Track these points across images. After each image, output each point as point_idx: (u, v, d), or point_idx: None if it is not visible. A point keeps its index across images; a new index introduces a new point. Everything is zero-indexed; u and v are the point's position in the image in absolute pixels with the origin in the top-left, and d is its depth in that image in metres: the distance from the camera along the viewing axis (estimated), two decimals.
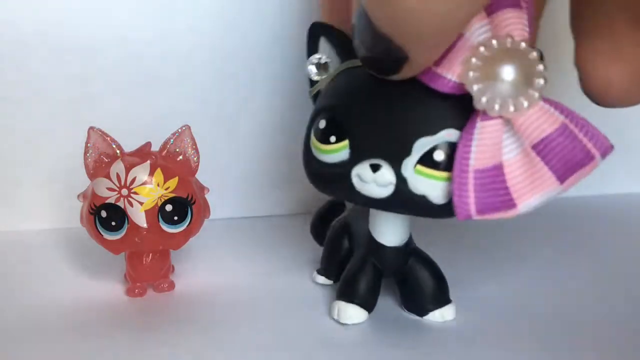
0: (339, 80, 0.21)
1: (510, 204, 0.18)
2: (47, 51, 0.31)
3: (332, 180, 0.20)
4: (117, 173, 0.23)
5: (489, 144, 0.18)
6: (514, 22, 0.17)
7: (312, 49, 0.22)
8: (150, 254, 0.25)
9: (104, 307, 0.25)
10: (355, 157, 0.20)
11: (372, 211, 0.23)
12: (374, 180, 0.19)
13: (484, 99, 0.17)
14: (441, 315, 0.23)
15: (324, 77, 0.22)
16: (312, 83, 0.22)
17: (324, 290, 0.26)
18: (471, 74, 0.17)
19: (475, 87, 0.17)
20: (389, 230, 0.23)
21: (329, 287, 0.26)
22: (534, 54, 0.17)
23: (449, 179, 0.19)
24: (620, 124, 0.39)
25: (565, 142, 0.18)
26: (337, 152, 0.20)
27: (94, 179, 0.24)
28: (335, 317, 0.23)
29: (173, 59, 0.33)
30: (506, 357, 0.21)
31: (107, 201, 0.23)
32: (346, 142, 0.20)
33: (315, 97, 0.22)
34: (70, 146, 0.27)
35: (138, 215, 0.24)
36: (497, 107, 0.17)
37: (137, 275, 0.26)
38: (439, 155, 0.19)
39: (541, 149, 0.18)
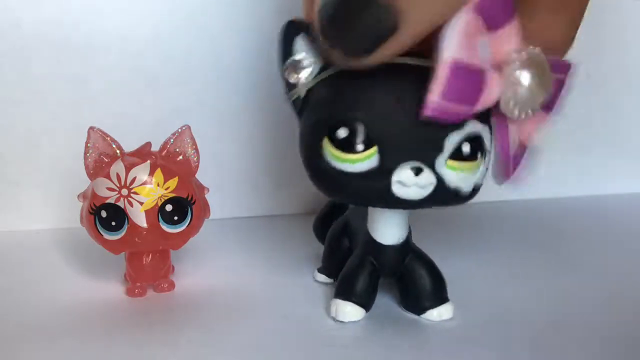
0: (340, 83, 0.20)
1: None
2: (47, 51, 0.31)
3: (359, 188, 0.20)
4: (117, 173, 0.23)
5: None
6: (515, 35, 0.19)
7: (287, 50, 0.21)
8: (150, 254, 0.25)
9: (104, 307, 0.25)
10: (389, 163, 0.19)
11: (371, 210, 0.23)
12: (415, 183, 0.19)
13: (511, 102, 0.19)
14: (439, 314, 0.23)
15: (306, 78, 0.21)
16: (290, 87, 0.21)
17: (324, 290, 0.26)
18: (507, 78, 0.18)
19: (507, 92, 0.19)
20: (388, 230, 0.23)
21: (329, 286, 0.26)
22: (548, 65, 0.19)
23: (474, 168, 0.20)
24: (621, 125, 0.39)
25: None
26: (364, 160, 0.19)
27: (94, 179, 0.24)
28: (333, 315, 0.23)
29: (173, 59, 0.33)
30: (503, 357, 0.21)
31: (107, 201, 0.23)
32: (374, 149, 0.19)
33: (296, 101, 0.21)
34: (70, 146, 0.27)
35: (138, 215, 0.24)
36: (517, 112, 0.19)
37: (137, 275, 0.25)
38: (467, 147, 0.19)
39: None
